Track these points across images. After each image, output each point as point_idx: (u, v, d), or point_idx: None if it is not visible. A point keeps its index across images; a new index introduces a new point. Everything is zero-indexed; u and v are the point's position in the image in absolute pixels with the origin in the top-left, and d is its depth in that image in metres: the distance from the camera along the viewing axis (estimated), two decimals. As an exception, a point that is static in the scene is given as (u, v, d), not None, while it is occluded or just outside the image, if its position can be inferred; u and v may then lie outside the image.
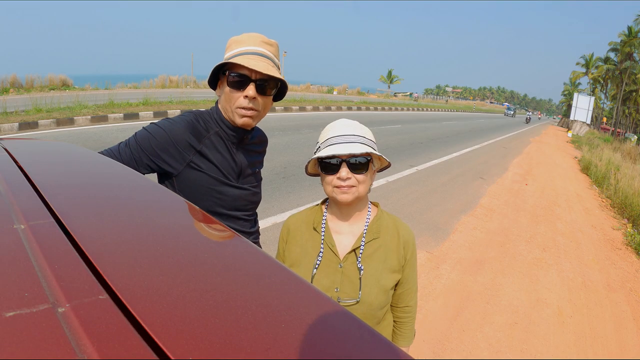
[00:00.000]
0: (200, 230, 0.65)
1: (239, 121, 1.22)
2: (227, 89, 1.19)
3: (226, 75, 1.19)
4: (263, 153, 1.46)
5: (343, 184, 1.08)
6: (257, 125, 1.40)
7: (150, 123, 1.23)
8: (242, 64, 1.13)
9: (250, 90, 1.16)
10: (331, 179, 1.10)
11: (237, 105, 1.19)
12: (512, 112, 50.49)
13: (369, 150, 1.08)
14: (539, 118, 69.53)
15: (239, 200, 1.29)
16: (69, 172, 0.89)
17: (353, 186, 1.09)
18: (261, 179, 1.44)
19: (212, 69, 1.21)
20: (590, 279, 4.28)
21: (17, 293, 0.37)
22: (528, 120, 42.63)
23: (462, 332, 2.94)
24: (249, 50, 1.18)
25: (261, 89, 1.18)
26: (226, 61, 1.17)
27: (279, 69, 1.25)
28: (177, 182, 1.22)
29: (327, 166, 1.09)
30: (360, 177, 1.09)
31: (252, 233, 1.39)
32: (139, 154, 1.19)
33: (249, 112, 1.20)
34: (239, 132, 1.27)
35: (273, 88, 1.22)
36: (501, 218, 5.87)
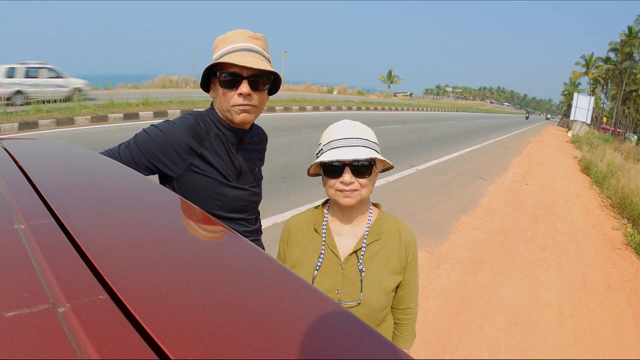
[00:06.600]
0: (200, 231, 0.65)
1: (238, 118, 1.18)
2: (220, 89, 1.16)
3: (217, 76, 1.16)
4: (263, 151, 1.43)
5: (346, 188, 1.07)
6: (256, 123, 1.39)
7: (151, 125, 1.21)
8: (231, 62, 1.10)
9: (244, 87, 1.13)
10: (334, 182, 1.08)
11: (232, 103, 1.16)
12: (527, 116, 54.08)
13: (373, 154, 1.06)
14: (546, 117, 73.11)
15: (239, 200, 1.27)
16: (69, 172, 0.88)
17: (356, 190, 1.07)
18: (262, 177, 1.40)
19: (202, 72, 1.18)
20: (590, 279, 4.28)
21: (17, 293, 0.37)
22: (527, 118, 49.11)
23: (462, 332, 2.94)
24: (237, 47, 1.14)
25: (254, 85, 1.15)
26: (215, 62, 1.14)
27: (270, 62, 1.21)
28: (178, 185, 1.21)
29: (330, 169, 1.08)
30: (363, 180, 1.07)
31: (253, 232, 1.37)
32: (138, 156, 1.17)
33: (247, 107, 1.17)
34: (238, 133, 1.25)
35: (266, 82, 1.19)
36: (501, 218, 5.87)
